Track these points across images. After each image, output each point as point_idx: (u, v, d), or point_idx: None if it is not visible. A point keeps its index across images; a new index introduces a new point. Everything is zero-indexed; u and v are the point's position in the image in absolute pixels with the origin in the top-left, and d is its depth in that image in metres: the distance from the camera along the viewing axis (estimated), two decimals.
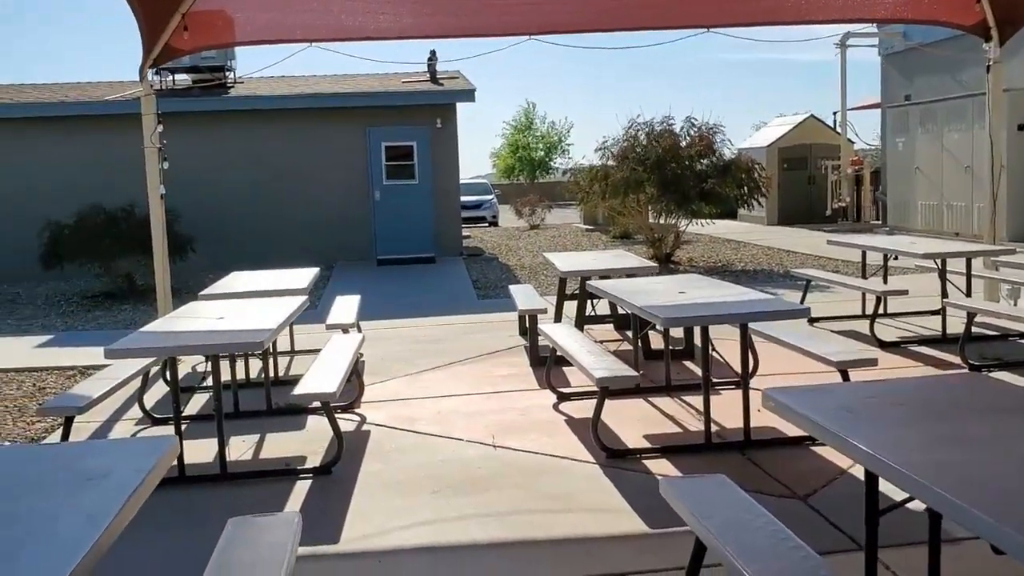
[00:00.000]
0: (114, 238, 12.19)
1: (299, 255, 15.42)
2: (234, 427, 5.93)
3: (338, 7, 7.58)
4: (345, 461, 5.14)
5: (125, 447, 2.94)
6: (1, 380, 7.88)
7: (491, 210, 27.59)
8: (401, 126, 15.78)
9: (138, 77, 8.17)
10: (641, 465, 4.98)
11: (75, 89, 17.17)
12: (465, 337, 8.80)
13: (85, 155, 15.16)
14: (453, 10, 7.67)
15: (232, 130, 15.54)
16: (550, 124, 48.57)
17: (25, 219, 13.95)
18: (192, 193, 14.63)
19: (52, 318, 11.55)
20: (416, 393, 6.74)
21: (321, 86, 16.71)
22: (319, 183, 15.75)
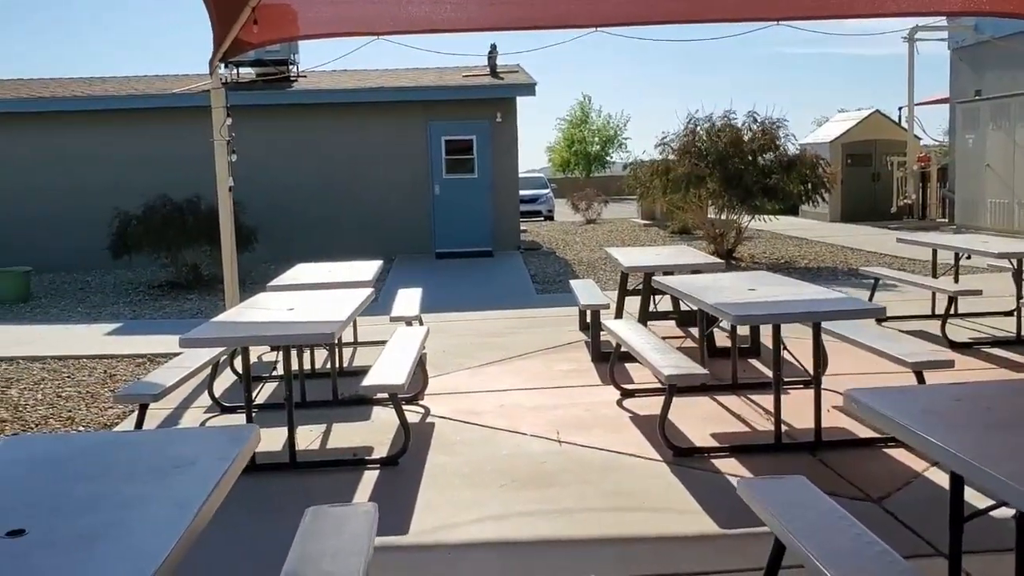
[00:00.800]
0: (180, 229, 12.42)
1: (359, 248, 15.55)
2: (302, 416, 6.00)
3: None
4: (411, 453, 5.17)
5: (209, 435, 2.98)
6: (74, 366, 8.08)
7: (547, 204, 27.54)
8: (461, 120, 15.82)
9: (207, 71, 8.30)
10: (709, 464, 4.93)
11: (144, 82, 17.53)
12: (525, 331, 8.80)
13: (154, 147, 15.47)
14: (519, 1, 7.65)
15: (295, 124, 15.73)
16: (606, 118, 48.34)
17: (96, 209, 14.29)
18: (255, 186, 14.84)
19: (120, 306, 11.81)
20: (479, 386, 6.75)
21: (383, 80, 16.82)
22: (380, 177, 15.87)
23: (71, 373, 7.81)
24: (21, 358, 8.40)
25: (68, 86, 17.00)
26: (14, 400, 6.89)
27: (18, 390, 7.22)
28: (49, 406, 6.70)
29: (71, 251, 15.29)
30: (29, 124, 15.50)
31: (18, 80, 18.49)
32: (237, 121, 8.18)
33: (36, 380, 7.56)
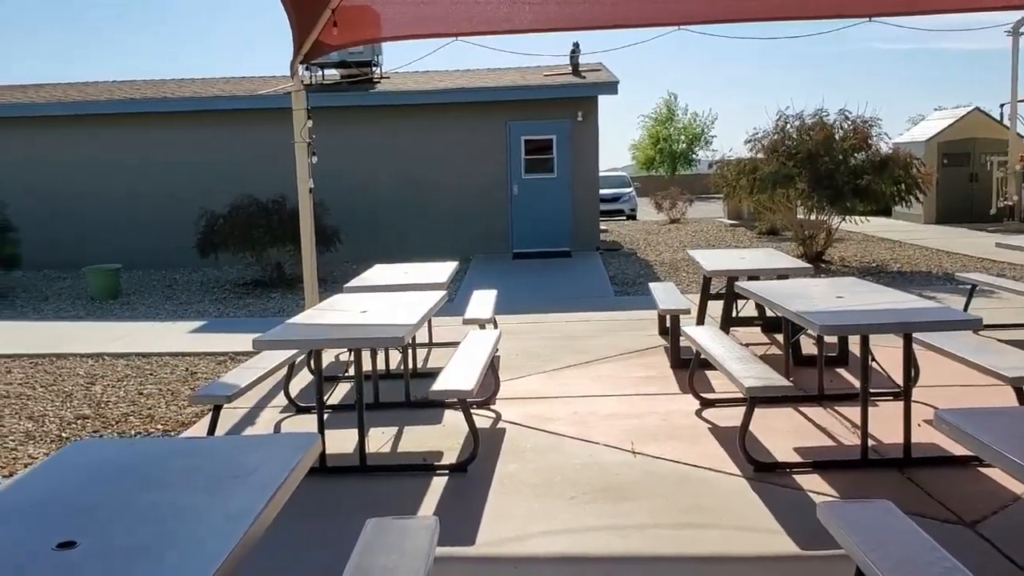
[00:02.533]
0: (265, 228, 12.62)
1: (438, 247, 15.62)
2: (374, 418, 5.99)
3: None
4: (481, 460, 5.09)
5: (271, 444, 2.94)
6: (157, 363, 8.25)
7: (629, 203, 27.23)
8: (541, 120, 15.71)
9: (289, 72, 8.37)
10: (791, 480, 4.71)
11: (232, 84, 17.90)
12: (602, 335, 8.64)
13: (240, 147, 15.79)
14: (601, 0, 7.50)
15: (377, 124, 15.85)
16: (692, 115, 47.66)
17: (184, 208, 14.67)
18: (339, 186, 15.04)
19: (206, 304, 12.06)
20: (552, 391, 6.63)
21: (464, 80, 16.83)
22: (459, 177, 15.88)
23: (154, 370, 7.97)
24: (107, 355, 8.62)
25: (159, 88, 17.48)
26: (97, 397, 7.05)
27: (102, 386, 7.40)
28: (130, 403, 6.84)
29: (160, 249, 15.73)
30: (121, 125, 15.98)
31: (112, 83, 19.10)
32: (323, 122, 8.24)
33: (120, 377, 7.73)
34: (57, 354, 8.70)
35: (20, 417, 6.50)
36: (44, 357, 8.62)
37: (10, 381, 7.66)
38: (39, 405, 6.84)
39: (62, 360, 8.49)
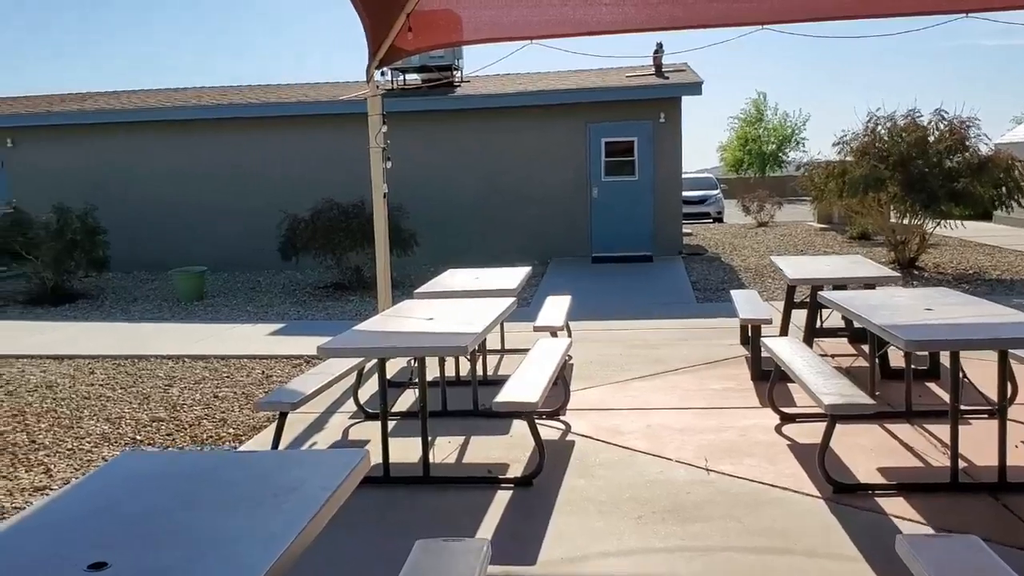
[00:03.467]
0: (345, 232, 12.72)
1: (516, 251, 15.54)
2: (441, 426, 5.91)
3: (560, 0, 7.37)
4: (547, 473, 4.95)
5: (317, 460, 2.86)
6: (234, 366, 8.34)
7: (716, 205, 26.70)
8: (622, 121, 15.47)
9: (365, 78, 8.38)
10: (874, 503, 4.44)
11: (316, 89, 18.16)
12: (681, 344, 8.40)
13: (322, 152, 15.98)
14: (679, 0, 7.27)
15: (457, 127, 15.85)
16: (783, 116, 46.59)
17: (267, 212, 14.91)
18: (418, 188, 15.09)
19: (287, 306, 12.21)
20: (624, 403, 6.44)
21: (543, 83, 16.71)
22: (538, 180, 15.76)
23: (230, 373, 8.06)
24: (187, 356, 8.77)
25: (245, 94, 17.84)
26: (173, 399, 7.15)
27: (179, 389, 7.50)
28: (205, 406, 6.91)
29: (244, 252, 16.03)
30: (207, 130, 16.35)
31: (199, 88, 19.59)
32: (402, 126, 8.24)
33: (197, 379, 7.83)
34: (139, 355, 8.88)
35: (98, 419, 6.63)
36: (126, 358, 8.82)
37: (92, 382, 7.84)
38: (117, 407, 6.97)
39: (143, 361, 8.67)
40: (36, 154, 16.83)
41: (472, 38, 8.60)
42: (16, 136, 16.83)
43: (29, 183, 16.63)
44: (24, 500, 4.95)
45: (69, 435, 6.23)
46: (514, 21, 8.00)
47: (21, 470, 5.50)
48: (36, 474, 5.41)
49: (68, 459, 5.70)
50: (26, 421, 6.62)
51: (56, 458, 5.72)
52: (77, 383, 7.81)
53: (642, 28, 8.33)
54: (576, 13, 7.82)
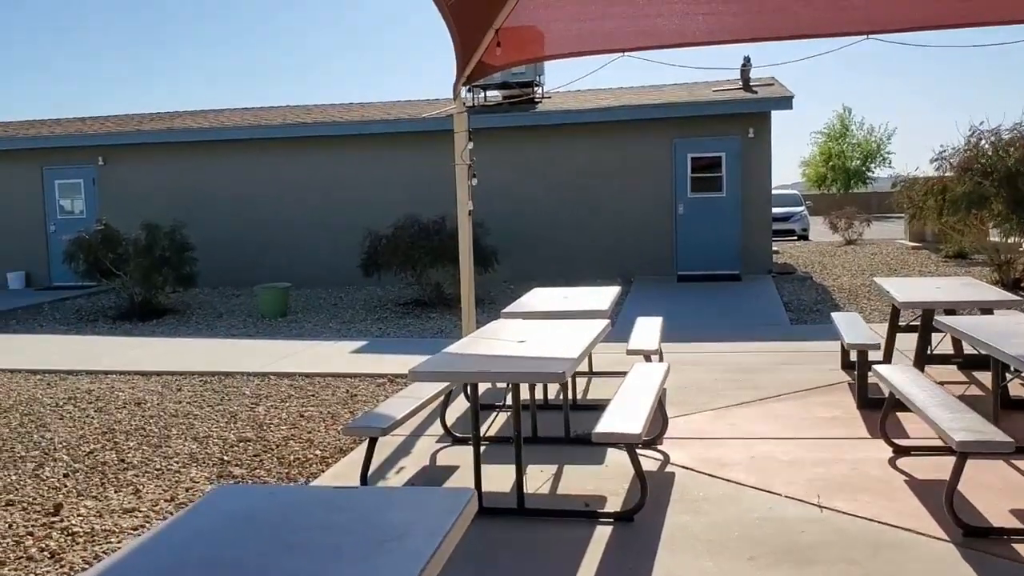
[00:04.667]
0: (426, 249, 12.63)
1: (598, 269, 15.27)
2: (532, 453, 5.69)
3: (655, 10, 7.13)
4: (648, 508, 4.68)
5: (421, 502, 2.67)
6: (320, 384, 8.26)
7: (801, 223, 26.01)
8: (709, 137, 15.10)
9: (452, 95, 8.25)
10: (1008, 549, 4.06)
11: (397, 107, 18.22)
12: (778, 368, 8.03)
13: (405, 169, 15.98)
14: (782, 7, 6.95)
15: (538, 144, 15.68)
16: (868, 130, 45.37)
17: (351, 229, 14.96)
18: (498, 205, 14.96)
19: (368, 323, 12.15)
20: (725, 432, 6.13)
21: (627, 98, 16.44)
22: (621, 196, 15.47)
23: (316, 391, 7.97)
24: (272, 374, 8.72)
25: (328, 112, 17.98)
26: (260, 418, 7.08)
27: (265, 407, 7.43)
28: (291, 426, 6.81)
29: (327, 268, 16.10)
30: (291, 149, 16.49)
31: (285, 107, 19.84)
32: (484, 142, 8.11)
33: (283, 398, 7.76)
34: (225, 372, 8.88)
35: (186, 438, 6.58)
36: (213, 375, 8.82)
37: (180, 399, 7.83)
38: (204, 425, 6.92)
39: (229, 378, 8.65)
40: (126, 172, 17.22)
41: (561, 52, 8.40)
42: (107, 154, 17.24)
43: (119, 200, 17.01)
44: (113, 522, 4.88)
45: (157, 454, 6.18)
46: (605, 34, 7.78)
47: (111, 490, 5.45)
48: (125, 495, 5.35)
49: (157, 479, 5.64)
50: (115, 439, 6.61)
51: (145, 478, 5.66)
52: (165, 400, 7.82)
53: (739, 39, 8.03)
54: (670, 24, 7.57)
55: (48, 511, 5.07)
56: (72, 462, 6.05)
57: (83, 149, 17.29)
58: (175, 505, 5.15)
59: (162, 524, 2.56)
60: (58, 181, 17.55)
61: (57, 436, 6.72)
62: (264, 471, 5.76)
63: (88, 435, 6.73)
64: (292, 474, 5.69)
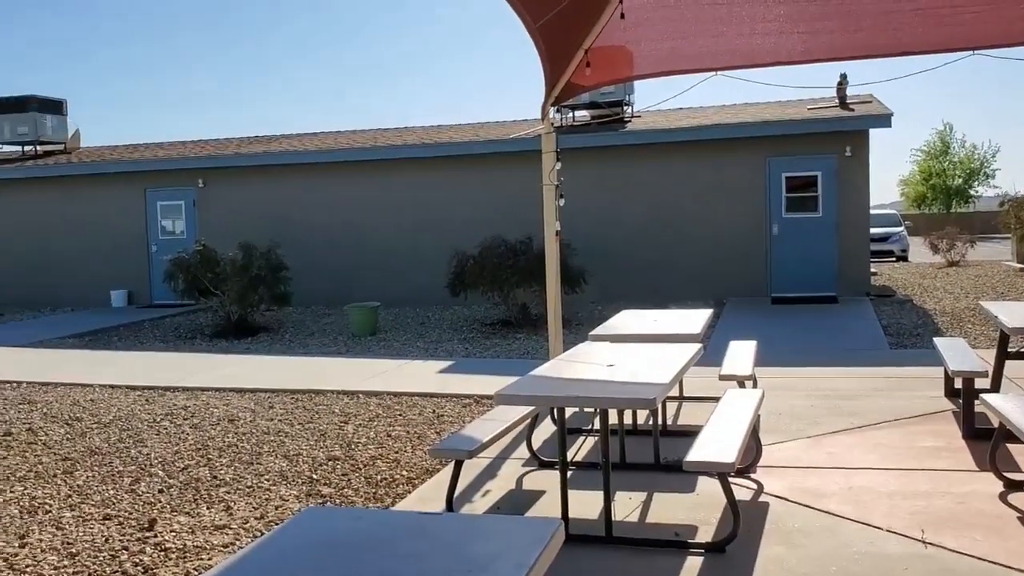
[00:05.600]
0: (512, 269, 12.63)
1: (688, 290, 15.03)
2: (620, 480, 5.57)
3: (749, 28, 6.98)
4: (741, 539, 4.52)
5: (507, 531, 2.61)
6: (406, 404, 8.30)
7: (900, 243, 25.18)
8: (805, 155, 14.74)
9: (540, 115, 8.24)
10: None
11: (485, 128, 18.35)
12: (877, 394, 7.72)
13: (490, 189, 16.05)
14: (882, 24, 6.73)
15: (627, 163, 15.56)
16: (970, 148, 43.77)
17: (439, 249, 15.08)
18: (586, 225, 14.88)
19: (455, 343, 12.20)
20: (821, 461, 5.90)
21: (719, 117, 16.20)
22: (712, 217, 15.21)
23: (403, 411, 8.01)
24: (361, 392, 8.81)
25: (420, 135, 18.22)
26: (348, 437, 7.13)
27: (354, 426, 7.49)
28: (378, 445, 6.84)
29: (415, 288, 16.25)
30: (381, 171, 16.74)
31: (376, 130, 20.20)
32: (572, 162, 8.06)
33: (371, 416, 7.82)
34: (315, 390, 9.00)
35: (277, 455, 6.67)
36: (304, 393, 8.95)
37: (271, 417, 7.96)
38: (295, 443, 7.01)
39: (320, 396, 8.77)
40: (224, 193, 17.74)
41: (652, 71, 8.31)
42: (206, 177, 17.80)
43: (217, 221, 17.53)
44: (204, 539, 4.96)
45: (249, 471, 6.28)
46: (697, 52, 7.66)
47: (203, 506, 5.54)
48: (217, 511, 5.44)
49: (248, 497, 5.72)
50: (209, 455, 6.74)
51: (236, 495, 5.75)
52: (257, 417, 7.96)
53: (836, 57, 7.82)
54: (765, 42, 7.40)
55: (143, 526, 5.19)
56: (167, 478, 6.19)
57: (184, 172, 17.90)
58: (265, 523, 5.20)
59: (249, 546, 2.56)
60: (160, 203, 18.20)
61: (153, 451, 6.90)
62: (352, 490, 5.79)
63: (183, 451, 6.89)
64: (379, 494, 5.70)
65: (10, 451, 7.04)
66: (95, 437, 7.43)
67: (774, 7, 6.66)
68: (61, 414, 8.36)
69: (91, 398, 9.09)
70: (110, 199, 18.41)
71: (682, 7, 6.80)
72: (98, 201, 18.45)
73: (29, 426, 7.89)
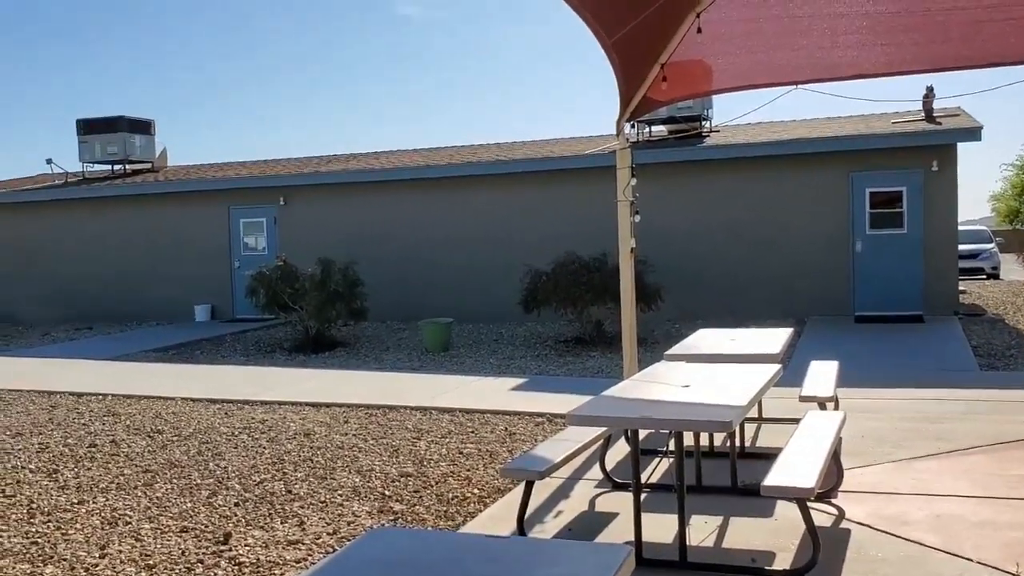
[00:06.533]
0: (587, 286, 12.55)
1: (769, 308, 14.71)
2: (695, 503, 5.43)
3: (830, 41, 6.81)
4: (821, 566, 4.35)
5: (575, 556, 2.55)
6: (479, 421, 8.28)
7: (990, 261, 24.29)
8: (889, 170, 14.33)
9: (615, 131, 8.16)
10: None
11: (560, 145, 18.34)
12: (966, 418, 7.41)
13: (564, 206, 16.00)
14: (969, 35, 6.49)
15: (704, 179, 15.35)
16: None
17: (512, 266, 15.07)
18: (662, 242, 14.70)
19: (528, 360, 12.15)
20: (906, 487, 5.67)
21: (800, 131, 15.88)
22: (792, 233, 14.89)
23: (475, 428, 7.99)
24: (434, 409, 8.82)
25: (494, 152, 18.31)
26: (420, 453, 7.14)
27: (426, 442, 7.50)
28: (450, 463, 6.83)
29: (488, 304, 16.27)
30: (455, 187, 16.84)
31: (451, 147, 20.37)
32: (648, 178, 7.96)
33: (443, 433, 7.82)
34: (389, 406, 9.05)
35: (350, 471, 6.71)
36: (378, 408, 9.01)
37: (346, 432, 8.03)
38: (368, 458, 7.04)
39: (393, 412, 8.81)
40: (304, 211, 18.07)
41: (730, 85, 8.17)
42: (287, 195, 18.17)
43: (297, 237, 17.86)
44: (278, 554, 5.00)
45: (323, 486, 6.32)
46: (777, 66, 7.50)
47: (277, 521, 5.60)
48: (290, 526, 5.48)
49: (321, 512, 5.75)
50: (284, 469, 6.82)
51: (310, 510, 5.79)
52: (332, 432, 8.03)
53: (921, 69, 7.56)
54: (846, 55, 7.21)
55: (218, 539, 5.26)
56: (243, 491, 6.27)
57: (265, 190, 18.30)
58: (337, 539, 5.22)
59: (316, 565, 2.55)
60: (243, 220, 18.63)
61: (231, 465, 7.01)
62: (423, 507, 5.78)
63: (259, 465, 6.98)
64: (450, 512, 5.67)
65: (94, 463, 7.24)
66: (175, 449, 7.59)
67: (857, 19, 6.49)
68: (143, 426, 8.57)
69: (172, 411, 9.31)
70: (195, 216, 18.92)
71: (761, 20, 6.67)
72: (184, 218, 18.99)
73: (112, 438, 8.11)
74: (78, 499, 6.20)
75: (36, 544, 5.30)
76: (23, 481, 6.73)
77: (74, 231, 19.85)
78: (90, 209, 19.73)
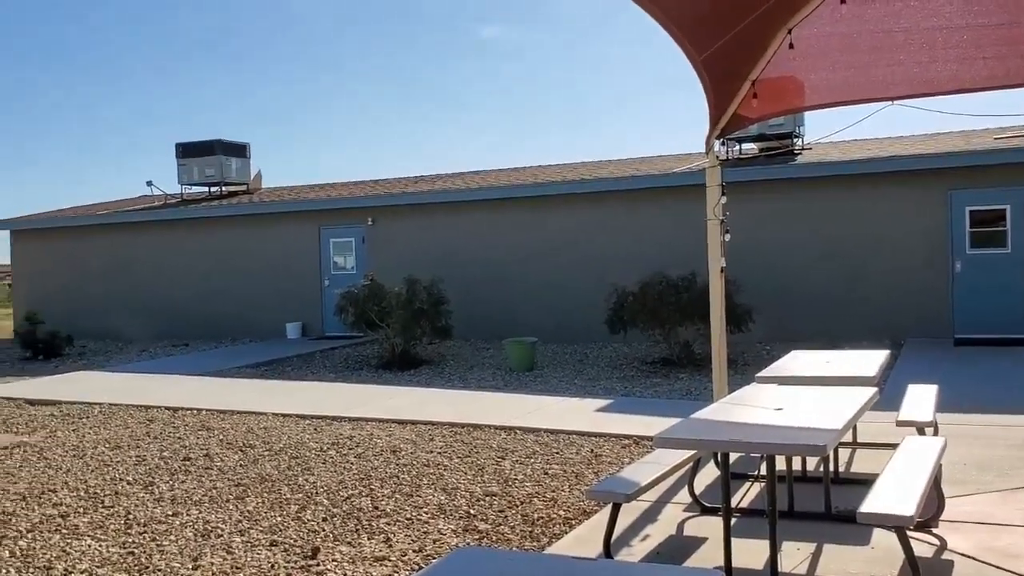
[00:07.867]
0: (675, 306, 12.38)
1: (860, 330, 14.28)
2: (787, 529, 5.27)
3: (928, 55, 6.60)
4: None
5: None
6: (564, 441, 8.22)
7: None
8: (991, 188, 13.79)
9: (704, 148, 8.07)
10: None
11: (648, 163, 18.21)
12: None
13: (651, 225, 15.86)
14: None
15: (796, 197, 15.03)
16: None
17: (597, 285, 14.98)
18: (752, 261, 14.42)
19: (613, 381, 12.04)
20: (1013, 517, 5.40)
21: (895, 148, 15.43)
22: (890, 252, 14.44)
23: (560, 449, 7.94)
24: (519, 428, 8.80)
25: (578, 170, 18.29)
26: (505, 473, 7.12)
27: (511, 462, 7.48)
28: (535, 483, 6.79)
29: (573, 323, 16.20)
30: (539, 206, 16.85)
31: (535, 167, 20.45)
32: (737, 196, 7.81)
33: (528, 453, 7.79)
34: (474, 424, 9.07)
35: (435, 488, 6.73)
36: (463, 427, 9.04)
37: (431, 449, 8.07)
38: (453, 476, 7.06)
39: (478, 431, 8.82)
40: (391, 230, 18.35)
41: (822, 102, 8.00)
42: (375, 215, 18.47)
43: (385, 257, 18.13)
44: (364, 570, 5.03)
45: (409, 503, 6.36)
46: (871, 82, 7.31)
47: (364, 537, 5.64)
48: (377, 543, 5.52)
49: (407, 529, 5.78)
50: (371, 485, 6.88)
51: (396, 527, 5.83)
52: (418, 449, 8.08)
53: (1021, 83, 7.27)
54: (946, 70, 6.98)
55: (307, 554, 5.32)
56: (331, 506, 6.35)
57: (354, 211, 18.65)
58: (423, 556, 5.24)
59: None
60: (333, 239, 19.02)
61: (319, 480, 7.11)
62: (508, 528, 5.76)
63: (347, 480, 7.06)
64: (535, 533, 5.63)
65: (188, 476, 7.43)
66: (266, 464, 7.74)
67: (956, 32, 6.28)
68: (236, 440, 8.78)
69: (264, 426, 9.51)
70: (287, 236, 19.40)
71: (855, 36, 6.51)
72: (277, 238, 19.48)
73: (206, 452, 8.32)
74: (172, 511, 6.37)
75: (132, 554, 5.45)
76: (121, 492, 6.95)
77: (172, 251, 20.55)
78: (188, 230, 20.41)
